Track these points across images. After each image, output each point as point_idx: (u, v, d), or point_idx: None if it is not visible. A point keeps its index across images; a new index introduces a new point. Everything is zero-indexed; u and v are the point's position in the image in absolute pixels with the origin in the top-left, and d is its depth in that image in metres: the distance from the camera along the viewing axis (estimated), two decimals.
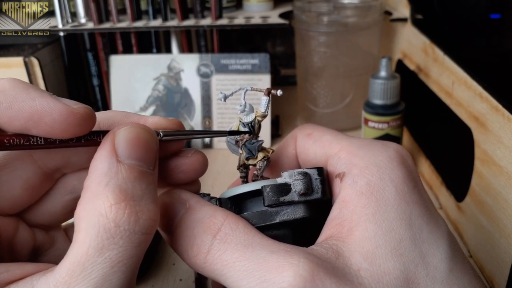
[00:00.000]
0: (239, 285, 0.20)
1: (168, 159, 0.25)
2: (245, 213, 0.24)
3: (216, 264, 0.21)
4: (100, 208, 0.19)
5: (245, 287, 0.20)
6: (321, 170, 0.24)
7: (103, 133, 0.22)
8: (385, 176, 0.22)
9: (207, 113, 0.66)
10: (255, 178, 0.26)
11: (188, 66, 0.66)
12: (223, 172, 0.58)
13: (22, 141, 0.20)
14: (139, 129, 0.21)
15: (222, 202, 0.24)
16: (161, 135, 0.23)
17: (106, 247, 0.18)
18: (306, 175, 0.23)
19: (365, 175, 0.23)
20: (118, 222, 0.19)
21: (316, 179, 0.24)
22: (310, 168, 0.24)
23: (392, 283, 0.20)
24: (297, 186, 0.23)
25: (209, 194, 0.25)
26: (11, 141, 0.20)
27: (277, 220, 0.23)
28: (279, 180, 0.24)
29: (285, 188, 0.23)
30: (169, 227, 0.23)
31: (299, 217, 0.23)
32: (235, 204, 0.25)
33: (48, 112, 0.20)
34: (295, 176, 0.23)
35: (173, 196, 0.24)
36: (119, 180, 0.20)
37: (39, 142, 0.21)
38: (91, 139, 0.22)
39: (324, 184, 0.24)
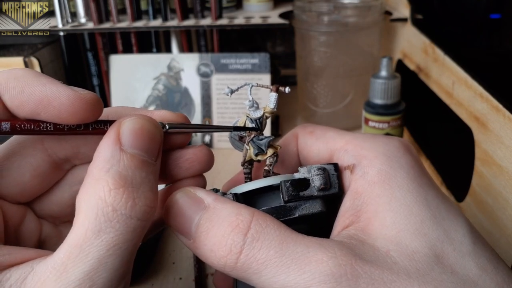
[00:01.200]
0: (276, 281, 0.20)
1: (173, 151, 0.25)
2: (263, 208, 0.24)
3: (251, 263, 0.20)
4: (100, 192, 0.19)
5: (283, 281, 0.19)
6: (336, 166, 0.25)
7: (110, 122, 0.23)
8: (394, 163, 0.23)
9: (207, 112, 0.66)
10: (267, 174, 0.26)
11: (188, 65, 0.66)
12: (223, 172, 0.58)
13: (32, 126, 0.21)
14: (144, 121, 0.22)
15: (239, 198, 0.24)
16: (167, 128, 0.24)
17: (103, 230, 0.19)
18: (325, 170, 0.24)
19: (375, 164, 0.23)
20: (116, 207, 0.19)
21: (332, 174, 0.24)
22: (327, 164, 0.24)
23: (424, 260, 0.20)
24: (317, 181, 0.24)
25: (218, 190, 0.25)
26: (22, 126, 0.21)
27: (297, 215, 0.23)
28: (297, 175, 0.24)
29: (304, 183, 0.24)
30: (188, 228, 0.22)
31: (317, 212, 0.24)
32: (245, 200, 0.25)
33: (57, 96, 0.21)
34: (314, 171, 0.24)
35: (188, 195, 0.23)
36: (120, 167, 0.20)
37: (48, 128, 0.22)
38: (98, 127, 0.23)
39: (340, 179, 0.24)
